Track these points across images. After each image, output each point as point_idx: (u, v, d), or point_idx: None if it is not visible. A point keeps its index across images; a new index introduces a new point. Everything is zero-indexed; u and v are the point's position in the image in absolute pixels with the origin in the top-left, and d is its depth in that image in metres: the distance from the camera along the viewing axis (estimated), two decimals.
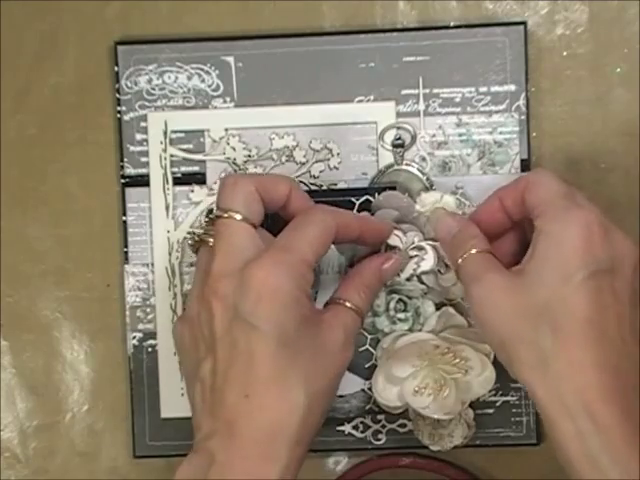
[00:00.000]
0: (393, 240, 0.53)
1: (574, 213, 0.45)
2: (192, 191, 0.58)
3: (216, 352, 0.46)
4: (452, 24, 0.57)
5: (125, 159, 0.58)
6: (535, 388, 0.44)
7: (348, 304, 0.49)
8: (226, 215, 0.48)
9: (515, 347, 0.45)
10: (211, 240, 0.48)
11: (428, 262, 0.53)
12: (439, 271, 0.53)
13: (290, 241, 0.47)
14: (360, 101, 0.57)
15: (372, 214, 0.54)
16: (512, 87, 0.56)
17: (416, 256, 0.53)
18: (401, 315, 0.53)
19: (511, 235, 0.51)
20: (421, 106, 0.57)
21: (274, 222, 0.49)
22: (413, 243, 0.53)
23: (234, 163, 0.57)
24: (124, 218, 0.58)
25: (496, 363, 0.53)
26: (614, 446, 0.42)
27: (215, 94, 0.57)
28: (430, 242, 0.53)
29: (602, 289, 0.44)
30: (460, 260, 0.48)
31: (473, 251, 0.48)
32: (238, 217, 0.47)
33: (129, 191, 0.58)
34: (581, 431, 0.42)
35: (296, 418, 0.45)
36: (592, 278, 0.44)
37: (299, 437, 0.45)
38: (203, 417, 0.46)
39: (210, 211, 0.49)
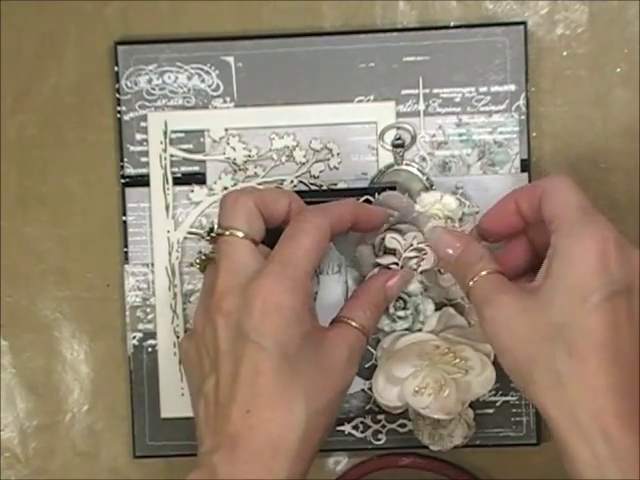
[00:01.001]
0: (391, 243, 0.53)
1: (590, 231, 0.44)
2: (192, 191, 0.58)
3: (219, 368, 0.46)
4: (452, 24, 0.57)
5: (125, 159, 0.58)
6: (550, 410, 0.43)
7: (353, 323, 0.49)
8: (227, 233, 0.48)
9: (529, 368, 0.44)
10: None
11: (428, 262, 0.53)
12: (439, 271, 0.53)
13: (287, 254, 0.47)
14: (360, 101, 0.57)
15: None
16: (512, 87, 0.56)
17: (416, 257, 0.53)
18: (401, 313, 0.53)
19: (518, 243, 0.51)
20: (421, 106, 0.57)
21: (274, 237, 0.49)
22: (412, 245, 0.53)
23: (234, 163, 0.57)
24: (124, 218, 0.58)
25: (496, 363, 0.53)
26: (631, 472, 0.41)
27: (215, 94, 0.57)
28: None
29: (618, 310, 0.43)
30: (471, 283, 0.47)
31: (483, 273, 0.47)
32: (240, 234, 0.48)
33: (129, 191, 0.58)
34: (597, 456, 0.42)
35: (297, 433, 0.45)
36: (608, 299, 0.43)
37: (300, 451, 0.45)
38: (206, 433, 0.46)
39: (211, 229, 0.49)
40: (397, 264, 0.53)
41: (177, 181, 0.58)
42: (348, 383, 0.48)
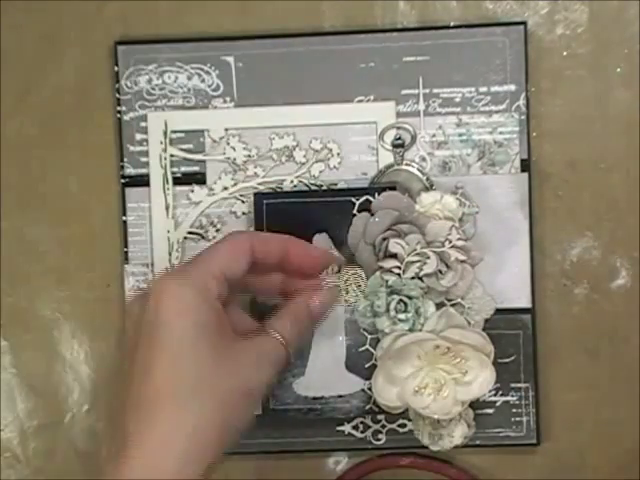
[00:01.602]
0: (394, 247, 0.53)
1: None
2: (192, 191, 0.58)
3: (124, 371, 0.46)
4: (452, 24, 0.57)
5: (125, 159, 0.58)
6: None
7: (271, 331, 0.49)
8: None
9: None
10: None
11: (431, 265, 0.53)
12: (439, 271, 0.53)
13: (197, 257, 0.48)
14: (360, 101, 0.57)
15: (372, 214, 0.54)
16: (512, 87, 0.56)
17: (418, 261, 0.53)
18: (402, 316, 0.53)
19: None
20: (421, 106, 0.57)
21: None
22: (415, 250, 0.53)
23: (234, 163, 0.57)
24: (124, 218, 0.58)
25: (496, 363, 0.53)
26: None
27: (215, 94, 0.57)
28: (433, 248, 0.53)
29: None
30: None
31: None
32: None
33: (129, 191, 0.58)
34: None
35: (186, 429, 0.44)
36: None
37: (189, 450, 0.44)
38: (111, 437, 0.47)
39: None
40: (399, 267, 0.53)
41: (177, 181, 0.58)
42: (256, 388, 0.47)
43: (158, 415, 0.44)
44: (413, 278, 0.53)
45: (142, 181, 0.58)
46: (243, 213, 0.57)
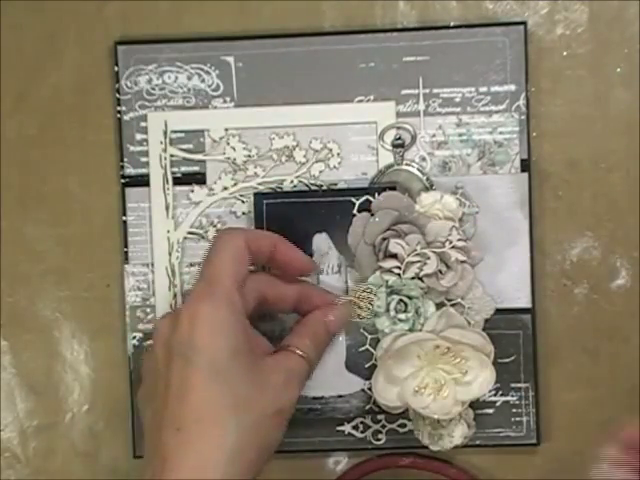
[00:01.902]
0: (395, 247, 0.53)
1: None
2: (192, 191, 0.58)
3: (156, 393, 0.47)
4: (452, 24, 0.57)
5: (125, 159, 0.58)
6: None
7: (294, 349, 0.50)
8: None
9: None
10: None
11: (431, 266, 0.53)
12: (440, 272, 0.53)
13: (208, 272, 0.48)
14: (360, 101, 0.57)
15: (372, 214, 0.54)
16: (512, 87, 0.56)
17: (419, 262, 0.53)
18: (402, 316, 0.53)
19: None
20: (421, 106, 0.57)
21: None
22: (415, 250, 0.53)
23: (234, 163, 0.57)
24: (124, 218, 0.58)
25: (496, 363, 0.53)
26: None
27: (215, 94, 0.57)
28: (433, 248, 0.53)
29: None
30: None
31: None
32: None
33: (129, 191, 0.58)
34: None
35: (227, 452, 0.44)
36: None
37: (229, 471, 0.44)
38: (145, 460, 0.47)
39: None
40: (399, 268, 0.53)
41: (177, 181, 0.58)
42: (287, 405, 0.48)
43: (198, 437, 0.44)
44: (413, 278, 0.53)
45: (142, 181, 0.58)
46: (243, 213, 0.57)
